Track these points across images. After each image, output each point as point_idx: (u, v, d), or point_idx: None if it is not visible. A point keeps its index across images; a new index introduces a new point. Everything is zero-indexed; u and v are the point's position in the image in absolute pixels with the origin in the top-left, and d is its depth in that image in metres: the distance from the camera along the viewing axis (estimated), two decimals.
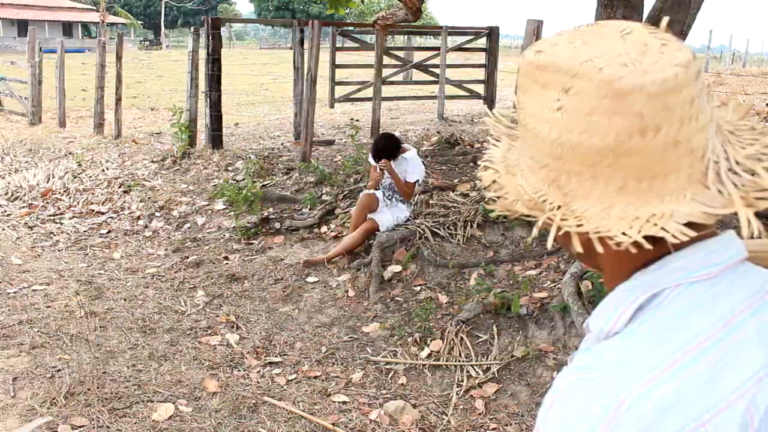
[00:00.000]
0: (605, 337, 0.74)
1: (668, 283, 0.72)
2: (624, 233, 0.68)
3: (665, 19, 0.75)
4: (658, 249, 0.71)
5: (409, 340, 4.09)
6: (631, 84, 0.66)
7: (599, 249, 0.69)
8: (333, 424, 3.30)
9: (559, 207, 0.73)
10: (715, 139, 0.72)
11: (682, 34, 5.91)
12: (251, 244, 5.67)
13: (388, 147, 5.39)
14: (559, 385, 0.72)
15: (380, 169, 5.38)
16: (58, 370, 3.72)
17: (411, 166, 5.38)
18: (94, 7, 50.98)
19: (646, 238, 0.67)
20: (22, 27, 46.23)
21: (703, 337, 0.69)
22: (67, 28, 51.68)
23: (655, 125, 0.66)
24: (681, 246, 0.71)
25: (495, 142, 0.87)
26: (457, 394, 3.58)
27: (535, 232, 0.76)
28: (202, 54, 8.84)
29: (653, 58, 0.68)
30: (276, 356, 3.99)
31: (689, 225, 0.67)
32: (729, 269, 0.74)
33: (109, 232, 6.33)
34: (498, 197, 0.79)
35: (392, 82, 12.44)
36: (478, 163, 0.88)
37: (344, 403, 3.52)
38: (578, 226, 0.70)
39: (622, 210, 0.70)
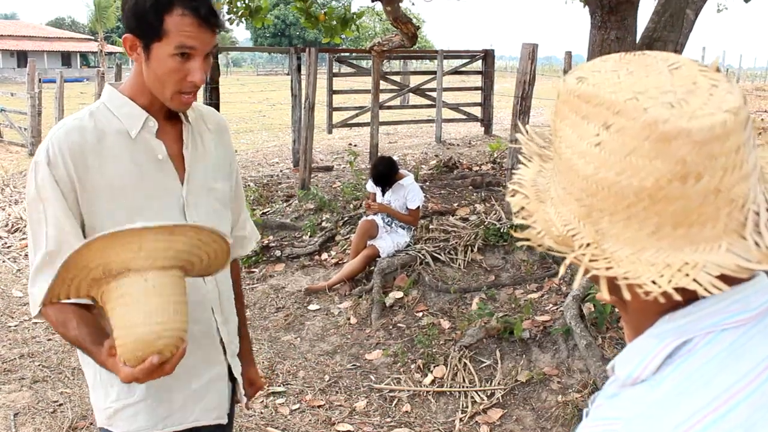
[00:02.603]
0: (632, 383, 0.70)
1: (699, 330, 0.69)
2: (654, 282, 0.64)
3: (716, 59, 0.74)
4: (687, 292, 0.66)
5: (413, 366, 4.07)
6: (677, 129, 0.63)
7: (626, 296, 0.66)
8: None
9: (588, 245, 0.70)
10: (758, 187, 0.68)
11: (676, 53, 5.96)
12: (252, 272, 5.67)
13: (387, 171, 5.41)
14: None
15: (379, 193, 5.40)
16: (60, 405, 3.70)
17: (410, 193, 5.39)
18: (93, 37, 51.37)
19: (676, 288, 0.64)
20: (22, 58, 46.56)
21: (736, 389, 0.66)
22: (66, 57, 52.03)
23: (697, 173, 0.63)
24: None
25: (526, 162, 0.84)
26: (462, 420, 3.56)
27: (562, 270, 0.72)
28: None
29: (701, 100, 0.65)
30: (279, 386, 3.97)
31: (722, 277, 0.64)
32: (761, 314, 0.70)
33: None
34: (526, 226, 0.76)
35: (389, 107, 12.51)
36: (507, 185, 0.86)
37: None
38: (607, 269, 0.67)
39: (654, 255, 0.67)
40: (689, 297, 0.68)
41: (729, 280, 0.65)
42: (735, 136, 0.64)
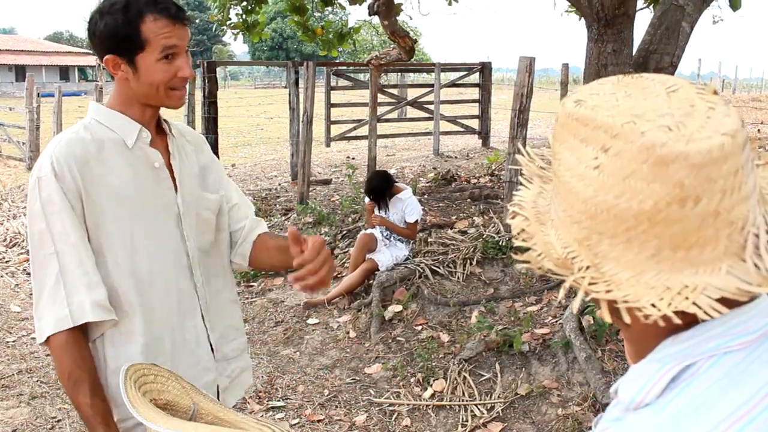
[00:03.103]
0: (635, 407, 0.70)
1: (701, 354, 0.69)
2: (653, 305, 0.65)
3: (713, 82, 0.73)
4: (689, 315, 0.66)
5: (412, 380, 4.06)
6: (674, 152, 0.63)
7: (626, 319, 0.66)
8: None
9: (587, 267, 0.70)
10: (757, 209, 0.68)
11: (672, 66, 6.00)
12: (251, 286, 5.66)
13: (381, 185, 5.43)
14: None
15: (377, 207, 5.41)
16: (59, 421, 3.69)
17: (408, 206, 5.40)
18: (90, 51, 51.51)
19: (676, 311, 0.64)
20: (20, 72, 46.64)
21: (741, 412, 0.66)
22: (64, 71, 52.14)
23: (695, 195, 0.64)
24: None
25: (526, 184, 0.84)
26: None
27: (561, 294, 0.73)
28: (198, 95, 8.91)
29: (699, 123, 0.65)
30: (279, 400, 3.96)
31: (722, 300, 0.64)
32: (763, 337, 0.70)
33: None
34: (526, 248, 0.76)
35: (387, 120, 12.54)
36: (507, 204, 0.85)
37: None
38: (607, 292, 0.67)
39: (654, 278, 0.67)
40: (691, 320, 0.68)
41: (729, 303, 0.65)
42: (733, 159, 0.64)
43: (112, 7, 1.52)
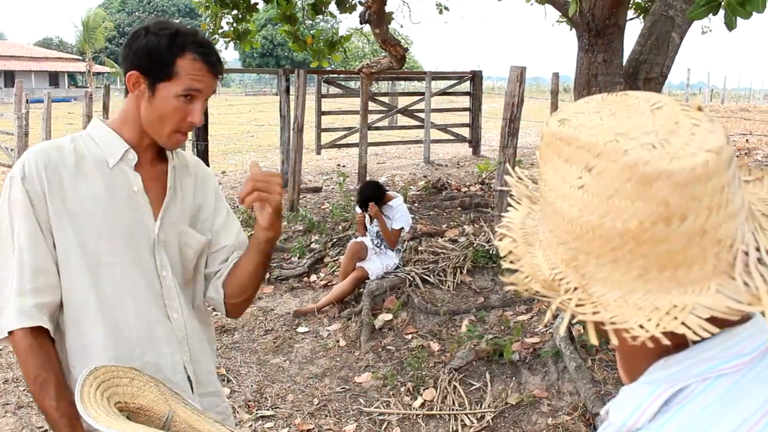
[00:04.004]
0: (627, 431, 0.70)
1: (693, 377, 0.68)
2: (641, 326, 0.63)
3: (697, 98, 0.72)
4: (680, 336, 0.65)
5: (402, 389, 4.05)
6: (658, 170, 0.62)
7: (614, 341, 0.65)
8: None
9: (575, 289, 0.69)
10: (746, 226, 0.68)
11: (662, 76, 6.04)
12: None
13: (373, 194, 5.44)
14: None
15: (368, 215, 5.41)
16: (45, 431, 3.65)
17: (397, 213, 5.41)
18: (81, 57, 51.37)
19: (666, 332, 0.62)
20: (9, 78, 46.42)
21: None
22: (54, 77, 51.94)
23: (681, 214, 0.63)
24: None
25: (515, 204, 0.83)
26: None
27: (548, 316, 0.72)
28: None
29: (683, 140, 0.64)
30: (268, 409, 3.94)
31: (713, 320, 0.63)
32: (758, 358, 0.69)
33: None
34: (515, 270, 0.75)
35: (378, 128, 12.56)
36: (496, 228, 0.85)
37: None
38: (594, 313, 0.66)
39: (642, 298, 0.66)
40: (681, 341, 0.67)
41: (720, 323, 0.64)
42: (718, 176, 0.63)
43: (161, 30, 1.54)
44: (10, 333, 1.50)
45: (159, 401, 1.48)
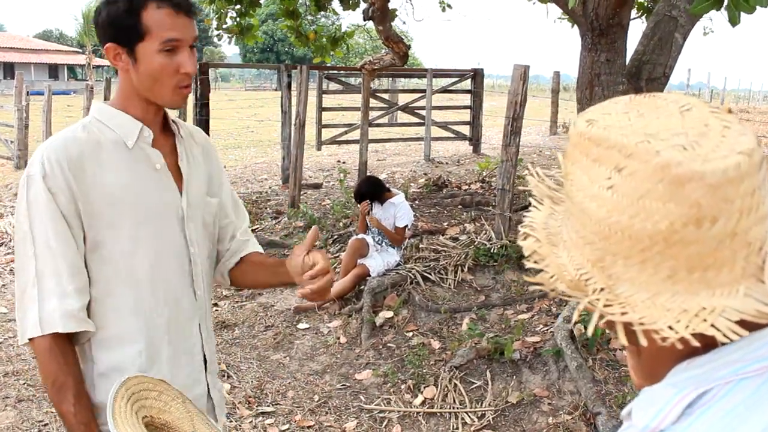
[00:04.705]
0: None
1: (718, 379, 0.68)
2: (671, 327, 0.63)
3: (727, 104, 0.71)
4: (704, 338, 0.65)
5: (403, 387, 4.05)
6: (690, 172, 0.62)
7: (643, 342, 0.65)
8: None
9: (601, 289, 0.68)
10: None
11: (665, 77, 6.04)
12: (241, 290, 5.63)
13: (369, 190, 5.43)
14: None
15: (364, 210, 5.41)
16: (46, 425, 3.65)
17: (400, 211, 5.40)
18: (80, 50, 51.25)
19: (693, 334, 0.62)
20: (8, 70, 46.34)
21: None
22: (53, 70, 51.83)
23: (712, 216, 0.62)
24: None
25: (537, 205, 0.83)
26: None
27: (575, 317, 0.73)
28: (190, 97, 8.87)
29: (714, 142, 0.64)
30: (268, 405, 3.93)
31: (740, 322, 0.62)
32: None
33: None
34: (539, 270, 0.74)
35: (378, 125, 12.55)
36: (519, 228, 0.84)
37: None
38: (623, 314, 0.66)
39: (670, 300, 0.65)
40: (706, 343, 0.67)
41: (748, 326, 0.64)
42: (750, 179, 0.63)
43: None
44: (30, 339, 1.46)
45: (184, 420, 1.47)
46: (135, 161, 1.55)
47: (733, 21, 2.64)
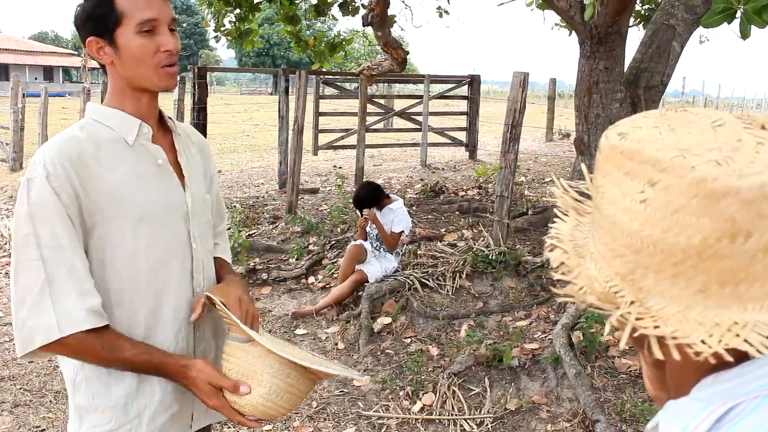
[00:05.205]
0: None
1: (745, 394, 0.67)
2: (703, 341, 0.63)
3: (761, 120, 0.71)
4: (734, 352, 0.65)
5: (401, 393, 4.04)
6: (726, 187, 0.62)
7: (676, 356, 0.64)
8: None
9: (632, 302, 0.68)
10: None
11: (662, 85, 6.07)
12: None
13: (368, 196, 5.44)
14: None
15: (364, 217, 5.41)
16: (42, 430, 3.62)
17: (397, 217, 5.40)
18: (76, 52, 51.16)
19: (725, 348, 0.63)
20: (3, 71, 46.20)
21: None
22: (48, 72, 51.74)
23: (746, 231, 0.63)
24: None
25: (562, 216, 0.83)
26: None
27: (607, 329, 0.71)
28: (188, 101, 8.86)
29: (747, 158, 0.64)
30: None
31: None
32: None
33: None
34: (567, 281, 0.74)
35: (374, 130, 12.56)
36: (545, 239, 0.84)
37: None
38: (655, 327, 0.66)
39: (701, 314, 0.66)
40: (734, 357, 0.67)
41: None
42: None
43: None
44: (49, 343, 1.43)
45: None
46: (136, 158, 1.54)
47: (744, 34, 2.65)
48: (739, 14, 2.69)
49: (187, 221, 1.61)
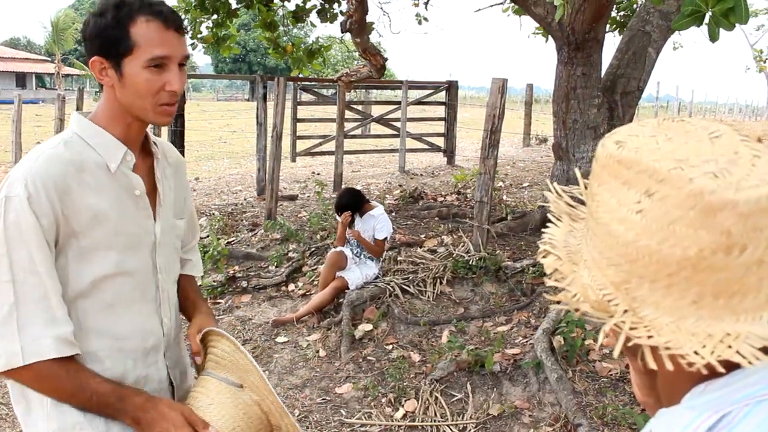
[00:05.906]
0: None
1: (736, 402, 0.68)
2: (696, 352, 0.64)
3: (757, 132, 0.70)
4: (726, 363, 0.65)
5: (383, 400, 4.03)
6: (723, 200, 0.63)
7: (669, 366, 0.65)
8: None
9: (625, 311, 0.69)
10: None
11: (638, 90, 6.15)
12: (218, 303, 5.58)
13: (350, 202, 5.43)
14: None
15: (345, 218, 5.40)
16: None
17: (379, 223, 5.40)
18: (49, 59, 50.57)
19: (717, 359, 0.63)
20: None
21: None
22: (21, 78, 51.05)
23: (742, 244, 0.63)
24: None
25: (555, 221, 0.83)
26: None
27: (601, 337, 0.71)
28: None
29: (744, 171, 0.65)
30: None
31: (763, 348, 0.63)
32: None
33: None
34: (560, 288, 0.75)
35: (353, 136, 12.56)
36: (538, 244, 0.84)
37: None
38: (649, 337, 0.67)
39: (694, 325, 0.66)
40: (726, 367, 0.67)
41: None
42: None
43: (105, 6, 1.43)
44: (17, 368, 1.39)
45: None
46: (117, 186, 1.51)
47: (713, 37, 2.69)
48: (707, 17, 2.73)
49: (153, 252, 1.59)
